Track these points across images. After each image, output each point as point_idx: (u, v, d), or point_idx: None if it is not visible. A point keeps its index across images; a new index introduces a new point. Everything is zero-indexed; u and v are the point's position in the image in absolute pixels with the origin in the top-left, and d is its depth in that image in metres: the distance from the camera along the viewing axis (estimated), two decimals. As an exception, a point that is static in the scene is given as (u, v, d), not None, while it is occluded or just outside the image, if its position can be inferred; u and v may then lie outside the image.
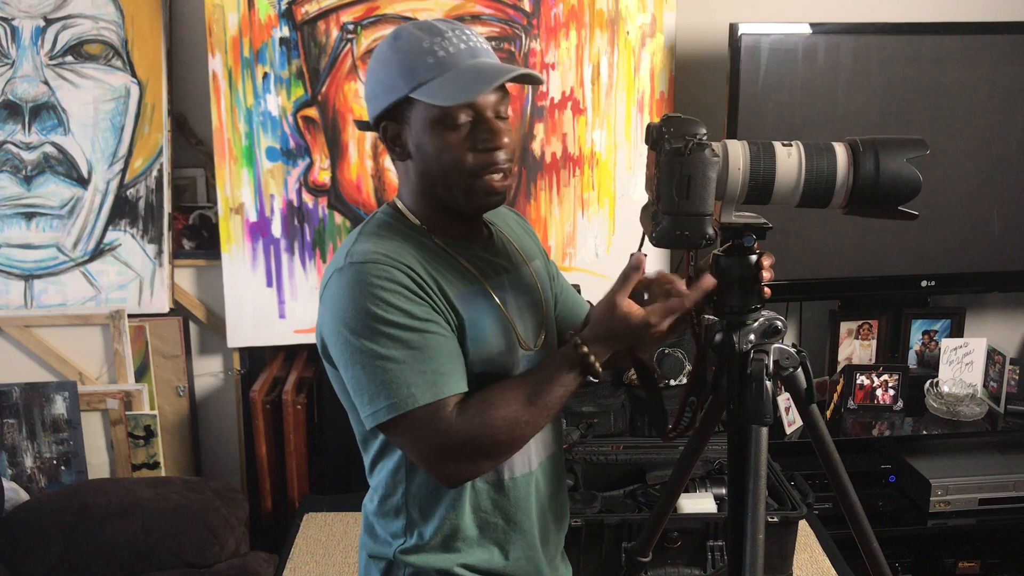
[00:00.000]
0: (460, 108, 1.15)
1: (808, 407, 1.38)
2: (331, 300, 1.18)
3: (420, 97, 1.14)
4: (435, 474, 1.17)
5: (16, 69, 2.58)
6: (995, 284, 2.81)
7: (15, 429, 2.63)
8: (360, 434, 1.29)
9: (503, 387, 1.16)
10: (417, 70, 1.15)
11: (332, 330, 1.17)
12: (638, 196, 2.71)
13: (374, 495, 1.31)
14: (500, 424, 1.13)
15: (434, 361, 1.14)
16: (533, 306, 1.31)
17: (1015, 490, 2.66)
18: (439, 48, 1.15)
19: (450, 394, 1.14)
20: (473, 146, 1.16)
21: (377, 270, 1.14)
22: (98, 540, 2.29)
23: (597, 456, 2.32)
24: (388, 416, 1.13)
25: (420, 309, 1.15)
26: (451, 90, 1.13)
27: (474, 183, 1.18)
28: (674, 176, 1.15)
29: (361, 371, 1.14)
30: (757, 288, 1.28)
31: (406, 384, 1.12)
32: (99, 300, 2.68)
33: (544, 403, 1.15)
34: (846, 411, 2.75)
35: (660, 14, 2.64)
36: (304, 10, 2.56)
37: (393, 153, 1.24)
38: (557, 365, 1.17)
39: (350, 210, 2.65)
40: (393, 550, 1.28)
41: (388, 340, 1.12)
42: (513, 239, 1.37)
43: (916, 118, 2.61)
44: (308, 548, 2.36)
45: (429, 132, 1.16)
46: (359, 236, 1.22)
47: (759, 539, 1.27)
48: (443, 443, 1.13)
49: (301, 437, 2.65)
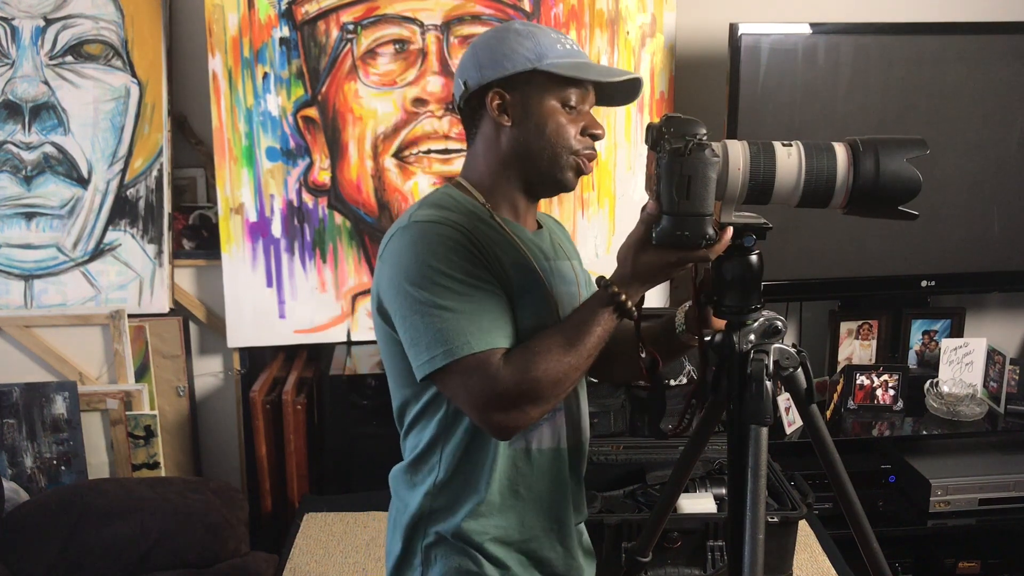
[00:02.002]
0: (576, 93, 1.28)
1: (808, 407, 1.38)
2: (392, 255, 1.25)
3: (557, 71, 1.26)
4: (486, 423, 1.21)
5: (16, 69, 2.58)
6: (995, 284, 2.81)
7: (15, 429, 2.63)
8: (401, 397, 1.34)
9: (543, 335, 1.22)
10: (547, 51, 1.27)
11: (391, 284, 1.24)
12: (638, 196, 2.71)
13: (408, 453, 1.36)
14: (544, 369, 1.18)
15: (489, 314, 1.21)
16: (572, 297, 1.38)
17: (1015, 490, 2.66)
18: (566, 42, 1.30)
19: (500, 345, 1.20)
20: (582, 130, 1.30)
21: (439, 229, 1.23)
22: (98, 540, 2.29)
23: (597, 456, 2.32)
24: (444, 362, 1.18)
25: (477, 267, 1.23)
26: (586, 71, 1.28)
27: (572, 160, 1.30)
28: (674, 176, 1.16)
29: (420, 320, 1.20)
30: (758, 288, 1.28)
31: (461, 332, 1.18)
32: (99, 300, 2.68)
33: (583, 345, 1.20)
34: (846, 411, 2.75)
35: (660, 14, 2.64)
36: (304, 10, 2.56)
37: (489, 119, 1.31)
38: (591, 307, 1.22)
39: (350, 210, 2.66)
40: (418, 514, 1.33)
41: (446, 291, 1.19)
42: (557, 239, 1.45)
43: (916, 118, 2.61)
44: (308, 548, 2.36)
45: (546, 105, 1.29)
46: (420, 205, 1.30)
47: (759, 539, 1.27)
48: (493, 390, 1.18)
49: (301, 437, 2.65)
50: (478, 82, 1.30)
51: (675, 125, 1.19)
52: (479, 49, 1.31)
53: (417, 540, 1.34)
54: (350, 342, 2.70)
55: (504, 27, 1.32)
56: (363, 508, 2.52)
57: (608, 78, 1.29)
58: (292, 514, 2.61)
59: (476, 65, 1.30)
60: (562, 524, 1.39)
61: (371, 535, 2.41)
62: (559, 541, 1.38)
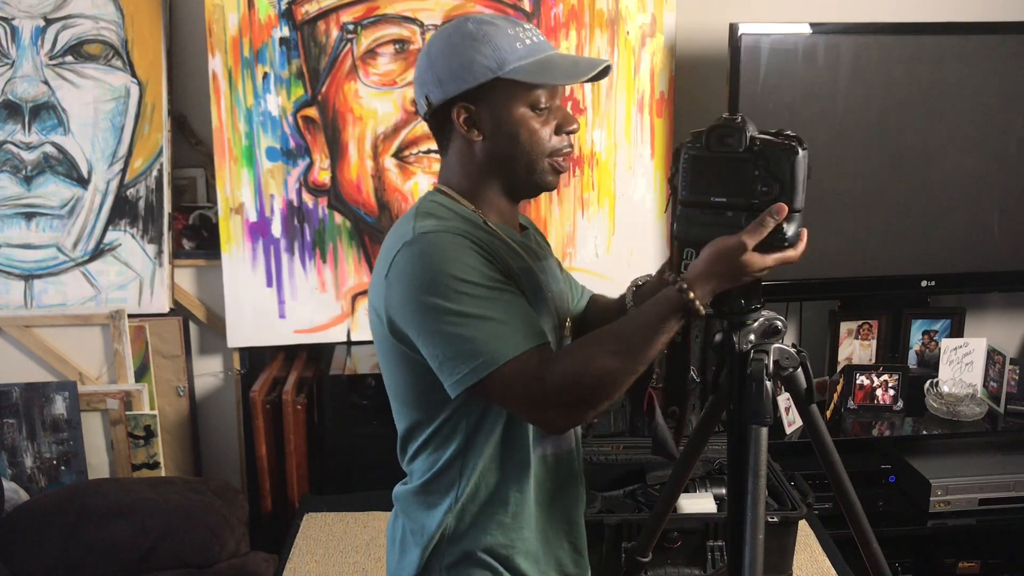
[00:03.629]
0: (545, 93, 1.23)
1: (808, 407, 1.38)
2: (403, 272, 1.19)
3: (520, 77, 1.20)
4: (539, 422, 1.19)
5: (16, 69, 2.58)
6: (995, 284, 2.80)
7: (15, 429, 2.63)
8: (410, 419, 1.29)
9: (600, 335, 1.17)
10: (507, 55, 1.21)
11: (407, 300, 1.18)
12: (638, 196, 2.71)
13: (419, 476, 1.31)
14: (598, 370, 1.13)
15: (519, 314, 1.18)
16: (562, 295, 1.37)
17: (1015, 490, 2.66)
18: (525, 36, 1.23)
19: (538, 343, 1.17)
20: (555, 129, 1.26)
21: (449, 237, 1.19)
22: (98, 540, 2.29)
23: (597, 456, 2.32)
24: (487, 371, 1.13)
25: (494, 271, 1.19)
26: (551, 73, 1.21)
27: (549, 163, 1.27)
28: (800, 171, 1.17)
29: (451, 332, 1.15)
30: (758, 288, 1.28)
31: (498, 337, 1.14)
32: (99, 300, 2.68)
33: (643, 349, 1.15)
34: (846, 411, 2.75)
35: (660, 14, 2.64)
36: (304, 10, 2.56)
37: (458, 135, 1.27)
38: (660, 310, 1.16)
39: (350, 210, 2.66)
40: (438, 534, 1.29)
41: (472, 299, 1.15)
42: (537, 237, 1.44)
43: (916, 118, 2.61)
44: (308, 548, 2.36)
45: (515, 112, 1.23)
46: (416, 216, 1.24)
47: (759, 539, 1.27)
48: (545, 390, 1.13)
49: (301, 437, 2.65)
50: (440, 98, 1.24)
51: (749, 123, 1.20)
52: (435, 60, 1.24)
53: (436, 560, 1.30)
54: (350, 342, 2.70)
55: (456, 30, 1.24)
56: (363, 508, 2.52)
57: (574, 80, 1.24)
58: (292, 514, 2.61)
59: (436, 80, 1.24)
60: (573, 525, 1.39)
61: (371, 535, 2.41)
62: (569, 540, 1.38)
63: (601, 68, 1.24)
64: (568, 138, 1.28)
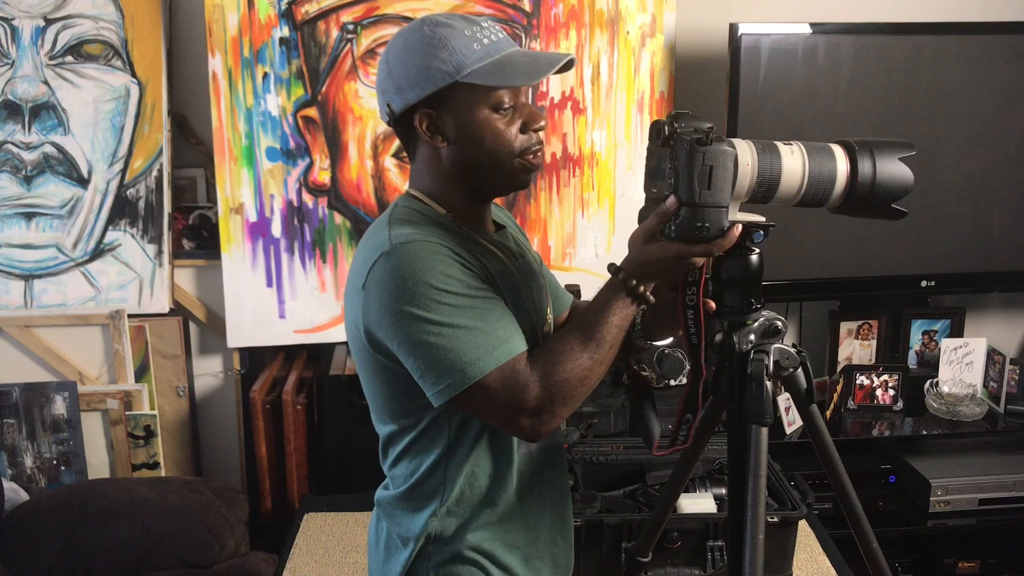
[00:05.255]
0: (508, 93, 1.21)
1: (808, 407, 1.38)
2: (381, 282, 1.18)
3: (479, 81, 1.18)
4: (518, 431, 1.19)
5: (16, 69, 2.58)
6: (995, 284, 2.81)
7: (15, 429, 2.63)
8: (389, 429, 1.30)
9: (561, 335, 1.20)
10: (465, 58, 1.18)
11: (386, 311, 1.17)
12: (638, 196, 2.71)
13: (403, 481, 1.31)
14: (568, 369, 1.16)
15: (500, 322, 1.18)
16: (540, 290, 1.36)
17: (1015, 490, 2.66)
18: (482, 36, 1.20)
19: (521, 350, 1.18)
20: (521, 127, 1.23)
21: (427, 246, 1.18)
22: (98, 540, 2.29)
23: (597, 456, 2.32)
24: (470, 381, 1.14)
25: (473, 279, 1.19)
26: (510, 74, 1.19)
27: (518, 163, 1.24)
28: (695, 166, 1.15)
29: (431, 343, 1.15)
30: (758, 288, 1.28)
31: (480, 346, 1.15)
32: (99, 300, 2.68)
33: (602, 337, 1.18)
34: (846, 411, 2.75)
35: (660, 14, 2.64)
36: (304, 10, 2.56)
37: (423, 142, 1.25)
38: (605, 297, 1.20)
39: (350, 210, 2.66)
40: (424, 536, 1.29)
41: (452, 309, 1.15)
42: (514, 234, 1.41)
43: (916, 118, 2.61)
44: (308, 548, 2.36)
45: (478, 116, 1.21)
46: (390, 224, 1.23)
47: (759, 539, 1.27)
48: (523, 398, 1.16)
49: (301, 437, 2.65)
50: (401, 106, 1.22)
51: (685, 120, 1.19)
52: (394, 67, 1.21)
53: (423, 561, 1.30)
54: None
55: (412, 35, 1.21)
56: (363, 508, 2.52)
57: (534, 79, 1.20)
58: (292, 514, 2.61)
59: (395, 87, 1.21)
60: (559, 516, 1.39)
61: (371, 535, 2.41)
62: (555, 531, 1.39)
63: (563, 63, 1.22)
64: (536, 135, 1.25)
